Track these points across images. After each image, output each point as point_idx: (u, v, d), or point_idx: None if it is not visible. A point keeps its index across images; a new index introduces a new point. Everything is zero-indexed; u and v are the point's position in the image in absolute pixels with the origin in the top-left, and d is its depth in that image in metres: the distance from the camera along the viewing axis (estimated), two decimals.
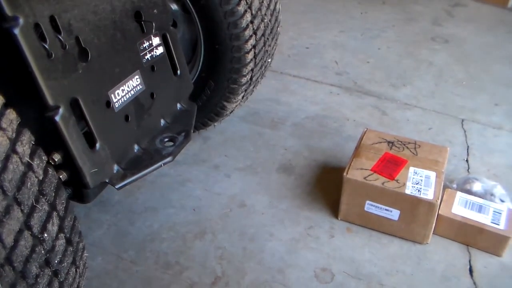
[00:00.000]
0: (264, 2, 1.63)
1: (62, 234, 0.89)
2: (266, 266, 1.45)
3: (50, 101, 0.97)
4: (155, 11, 1.31)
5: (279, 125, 2.11)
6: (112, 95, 1.16)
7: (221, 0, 1.48)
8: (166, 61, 1.38)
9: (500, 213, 1.49)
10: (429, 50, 2.83)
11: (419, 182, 1.47)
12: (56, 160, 1.02)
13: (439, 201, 1.43)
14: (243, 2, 1.51)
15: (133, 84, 1.23)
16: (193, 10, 1.56)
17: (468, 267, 1.45)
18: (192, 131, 1.40)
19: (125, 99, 1.21)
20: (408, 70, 2.60)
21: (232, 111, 1.91)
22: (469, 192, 1.61)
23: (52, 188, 0.87)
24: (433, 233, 1.51)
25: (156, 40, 1.32)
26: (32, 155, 0.83)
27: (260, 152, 1.94)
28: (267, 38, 1.71)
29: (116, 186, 1.16)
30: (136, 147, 1.27)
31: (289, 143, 1.99)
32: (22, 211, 0.78)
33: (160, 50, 1.35)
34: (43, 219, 0.83)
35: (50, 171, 0.88)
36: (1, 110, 0.78)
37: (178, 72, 1.45)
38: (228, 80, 1.68)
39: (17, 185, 0.77)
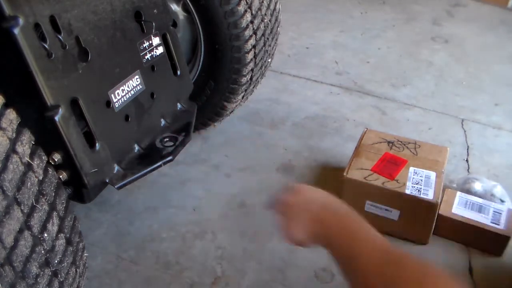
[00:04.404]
0: (264, 2, 1.63)
1: (62, 234, 0.89)
2: (266, 266, 1.44)
3: (50, 101, 0.97)
4: (155, 11, 1.31)
5: (279, 125, 2.11)
6: (112, 95, 1.16)
7: (221, 0, 1.48)
8: (166, 61, 1.38)
9: (500, 213, 1.49)
10: (429, 50, 2.83)
11: (419, 182, 1.47)
12: (56, 160, 1.02)
13: (439, 201, 1.43)
14: (243, 2, 1.51)
15: (133, 84, 1.23)
16: (193, 10, 1.56)
17: (468, 267, 1.45)
18: (192, 131, 1.40)
19: (125, 99, 1.21)
20: (408, 70, 2.60)
21: (232, 111, 1.91)
22: (469, 192, 1.61)
23: (52, 188, 0.87)
24: (433, 233, 1.51)
25: (156, 40, 1.32)
26: (32, 155, 0.83)
27: (260, 152, 1.94)
28: (267, 38, 1.71)
29: (116, 186, 1.16)
30: (136, 147, 1.27)
31: (289, 143, 1.99)
32: (22, 211, 0.78)
33: (160, 50, 1.35)
34: (43, 219, 0.83)
35: (50, 171, 0.88)
36: (1, 110, 0.78)
37: (178, 72, 1.45)
38: (228, 80, 1.68)
39: (17, 185, 0.77)
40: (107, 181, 1.16)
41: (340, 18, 3.26)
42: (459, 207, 1.52)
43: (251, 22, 1.57)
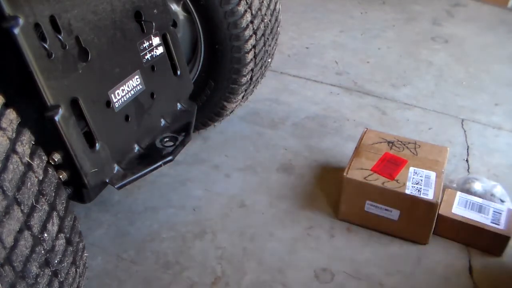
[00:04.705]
0: (264, 2, 1.63)
1: (62, 234, 0.89)
2: (266, 266, 1.45)
3: (50, 101, 0.97)
4: (155, 11, 1.31)
5: (279, 125, 2.11)
6: (112, 95, 1.16)
7: (221, 0, 1.48)
8: (166, 61, 1.38)
9: (500, 213, 1.49)
10: (429, 50, 2.83)
11: (419, 182, 1.47)
12: (56, 160, 1.02)
13: (439, 201, 1.43)
14: (243, 2, 1.51)
15: (133, 84, 1.23)
16: (193, 10, 1.56)
17: (468, 267, 1.45)
18: (192, 131, 1.40)
19: (125, 99, 1.21)
20: (408, 70, 2.60)
21: (232, 111, 1.91)
22: (469, 192, 1.61)
23: (52, 188, 0.87)
24: (433, 233, 1.51)
25: (156, 40, 1.32)
26: (32, 155, 0.83)
27: (260, 152, 1.94)
28: (267, 38, 1.71)
29: (116, 186, 1.16)
30: (136, 147, 1.27)
31: (289, 143, 1.99)
32: (22, 211, 0.78)
33: (160, 50, 1.35)
34: (43, 219, 0.83)
35: (50, 171, 0.88)
36: (1, 110, 0.78)
37: (178, 72, 1.45)
38: (228, 80, 1.68)
39: (17, 185, 0.77)
40: (107, 181, 1.16)
41: (340, 18, 3.26)
42: (459, 207, 1.52)
43: (251, 22, 1.57)
